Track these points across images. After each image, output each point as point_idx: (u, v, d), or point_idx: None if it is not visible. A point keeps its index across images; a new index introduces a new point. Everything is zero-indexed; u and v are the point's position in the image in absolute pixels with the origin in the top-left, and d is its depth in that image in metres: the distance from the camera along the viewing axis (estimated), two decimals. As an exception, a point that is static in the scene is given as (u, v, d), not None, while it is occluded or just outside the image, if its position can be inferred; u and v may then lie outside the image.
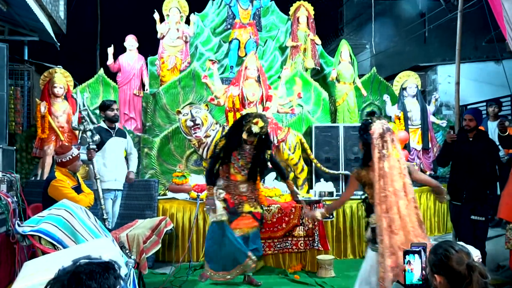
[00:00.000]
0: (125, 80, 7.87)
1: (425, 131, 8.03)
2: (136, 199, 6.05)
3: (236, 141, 4.85)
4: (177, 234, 5.95)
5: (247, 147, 4.90)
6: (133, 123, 7.86)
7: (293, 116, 7.83)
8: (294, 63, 8.69)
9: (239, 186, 4.92)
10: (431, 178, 3.79)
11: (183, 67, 8.25)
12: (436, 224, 7.41)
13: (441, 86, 11.05)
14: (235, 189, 4.92)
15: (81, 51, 16.62)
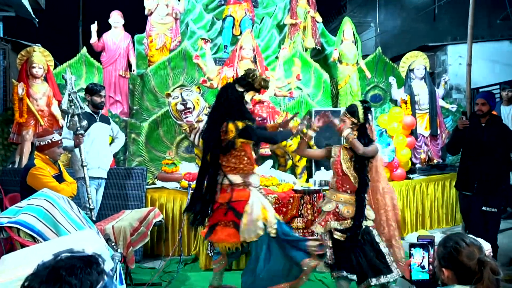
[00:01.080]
0: (110, 60, 7.82)
1: (433, 116, 8.03)
2: (123, 188, 6.05)
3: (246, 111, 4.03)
4: (167, 226, 5.97)
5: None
6: (119, 106, 7.83)
7: (292, 100, 7.81)
8: (293, 43, 8.65)
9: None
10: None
11: (173, 46, 8.20)
12: (444, 216, 7.45)
13: (452, 68, 11.02)
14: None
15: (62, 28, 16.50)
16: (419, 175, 7.44)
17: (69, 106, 5.03)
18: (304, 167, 7.04)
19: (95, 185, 5.42)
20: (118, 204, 5.92)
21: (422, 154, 7.89)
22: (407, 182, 7.11)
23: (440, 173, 7.54)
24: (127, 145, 7.21)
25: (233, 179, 3.85)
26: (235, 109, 3.84)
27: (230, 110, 3.84)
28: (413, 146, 7.69)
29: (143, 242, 4.90)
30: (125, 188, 6.05)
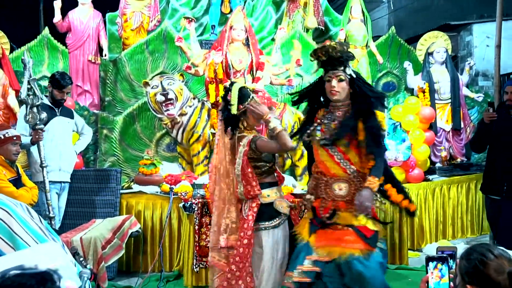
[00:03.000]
0: (77, 42, 7.78)
1: (456, 108, 8.06)
2: (93, 193, 6.04)
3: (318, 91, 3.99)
4: (145, 237, 5.96)
5: (337, 111, 3.88)
6: (88, 97, 7.80)
7: (291, 89, 7.80)
8: (291, 22, 8.64)
9: (332, 185, 3.80)
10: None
11: (152, 26, 8.18)
12: (469, 224, 7.49)
13: (477, 50, 11.04)
14: (325, 189, 3.83)
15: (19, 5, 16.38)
16: (439, 176, 7.47)
17: (28, 95, 5.00)
18: (305, 168, 7.01)
19: (57, 189, 5.41)
20: (87, 212, 5.92)
21: (443, 151, 7.91)
22: (425, 185, 7.13)
23: (463, 173, 7.56)
24: (98, 143, 7.19)
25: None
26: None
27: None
28: (433, 142, 7.71)
29: (117, 256, 4.88)
30: (96, 193, 6.04)
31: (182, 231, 5.78)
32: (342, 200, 3.73)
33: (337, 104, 3.83)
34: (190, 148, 6.70)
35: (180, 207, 5.75)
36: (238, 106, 3.88)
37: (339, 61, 3.75)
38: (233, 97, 3.89)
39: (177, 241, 5.90)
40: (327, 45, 3.76)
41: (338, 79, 3.75)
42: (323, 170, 3.83)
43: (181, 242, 5.81)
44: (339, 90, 3.76)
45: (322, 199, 3.79)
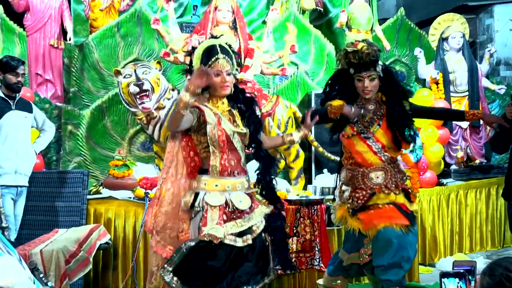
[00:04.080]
0: (36, 24, 7.74)
1: (474, 101, 8.09)
2: (56, 199, 6.02)
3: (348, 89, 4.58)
4: (116, 250, 5.95)
5: (369, 104, 4.60)
6: (50, 88, 7.76)
7: (284, 79, 7.81)
8: (285, 3, 8.64)
9: (369, 174, 4.53)
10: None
11: (124, 6, 8.16)
12: (489, 235, 7.52)
13: (499, 36, 11.09)
14: (363, 180, 4.53)
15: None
16: (455, 180, 7.50)
17: None
18: (301, 170, 7.05)
19: (12, 195, 5.38)
20: (49, 220, 5.88)
21: (459, 151, 7.94)
22: (439, 189, 7.16)
23: (483, 177, 7.60)
24: (61, 140, 7.16)
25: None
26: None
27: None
28: (447, 141, 7.75)
29: (83, 272, 4.88)
30: (59, 198, 6.01)
31: (159, 243, 5.77)
32: (378, 187, 4.44)
33: (370, 99, 4.55)
34: (169, 147, 6.68)
35: (156, 215, 5.74)
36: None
37: (371, 63, 4.39)
38: (196, 55, 3.90)
39: (153, 254, 5.88)
40: (360, 49, 4.35)
41: (370, 78, 4.43)
42: (360, 161, 4.50)
43: (157, 256, 5.79)
44: (371, 89, 4.48)
45: (360, 189, 4.46)
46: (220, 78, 3.80)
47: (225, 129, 3.81)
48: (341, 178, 4.66)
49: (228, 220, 3.82)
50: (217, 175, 3.83)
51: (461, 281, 2.42)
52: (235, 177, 3.89)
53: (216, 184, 3.82)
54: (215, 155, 3.79)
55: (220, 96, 3.91)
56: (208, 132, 3.75)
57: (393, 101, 4.51)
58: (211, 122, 3.77)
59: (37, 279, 3.24)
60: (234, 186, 3.89)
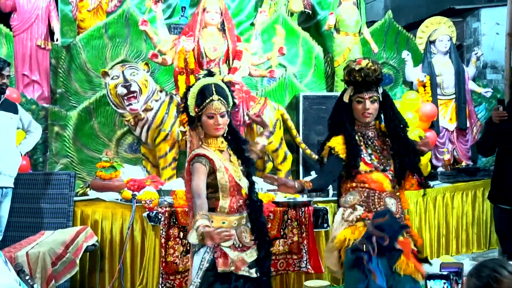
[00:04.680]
0: (23, 24, 7.71)
1: (461, 104, 8.13)
2: (42, 201, 5.99)
3: (345, 117, 4.12)
4: (103, 252, 5.93)
5: (370, 131, 4.17)
6: (37, 89, 7.73)
7: (273, 81, 7.81)
8: (274, 4, 8.65)
9: (385, 199, 4.04)
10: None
11: (112, 7, 8.14)
12: (475, 237, 7.54)
13: (486, 39, 11.14)
14: (379, 203, 4.03)
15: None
16: (441, 182, 7.52)
17: None
18: (289, 172, 7.06)
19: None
20: (35, 222, 5.86)
21: (446, 154, 7.97)
22: (426, 192, 7.17)
23: (469, 179, 7.62)
24: (48, 142, 7.13)
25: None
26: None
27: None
28: (434, 143, 7.77)
29: (70, 273, 4.85)
30: (45, 200, 5.98)
31: (146, 245, 5.76)
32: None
33: (368, 125, 4.11)
34: (156, 148, 6.67)
35: (144, 217, 5.73)
36: (194, 108, 3.78)
37: (374, 83, 4.00)
38: (191, 95, 3.85)
39: (140, 256, 5.87)
40: (364, 66, 3.96)
41: (371, 100, 4.00)
42: (376, 188, 4.00)
43: (144, 258, 5.78)
44: (372, 112, 4.02)
45: (374, 212, 3.95)
46: (213, 121, 3.72)
47: (232, 174, 3.78)
48: (347, 201, 4.07)
49: (239, 252, 3.81)
50: (225, 214, 3.79)
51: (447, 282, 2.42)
52: (240, 214, 3.85)
53: (224, 221, 3.76)
54: (224, 198, 3.75)
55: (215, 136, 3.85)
56: (219, 180, 3.69)
57: (398, 134, 4.10)
58: (220, 170, 3.72)
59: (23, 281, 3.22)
60: (240, 222, 3.85)
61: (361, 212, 3.95)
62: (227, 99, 3.78)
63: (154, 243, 5.65)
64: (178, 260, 5.47)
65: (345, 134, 4.04)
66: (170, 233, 5.54)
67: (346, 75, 4.06)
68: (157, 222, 5.58)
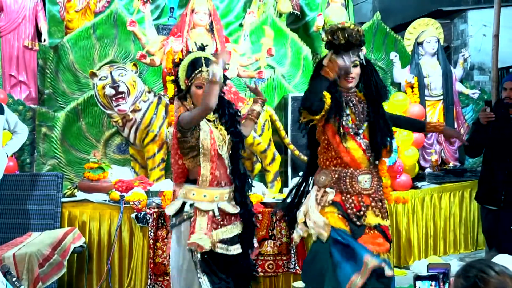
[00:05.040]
0: (10, 25, 7.67)
1: (448, 105, 8.15)
2: (29, 202, 5.96)
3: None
4: (91, 253, 5.91)
5: (352, 97, 4.10)
6: (24, 90, 7.69)
7: (261, 82, 7.81)
8: (262, 5, 8.65)
9: (358, 177, 4.01)
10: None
11: (100, 8, 8.12)
12: (462, 238, 7.57)
13: (473, 41, 11.20)
14: (351, 183, 4.01)
15: None
16: (429, 183, 7.54)
17: None
18: (277, 173, 7.06)
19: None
20: (22, 224, 5.83)
21: (434, 155, 7.99)
22: (414, 193, 7.20)
23: (457, 180, 7.65)
24: (35, 142, 7.09)
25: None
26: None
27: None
28: (422, 144, 7.79)
29: (57, 275, 4.84)
30: (32, 201, 5.95)
31: (134, 246, 5.75)
32: (366, 194, 3.98)
33: (350, 90, 4.06)
34: (144, 149, 6.66)
35: (132, 218, 5.71)
36: (184, 80, 3.85)
37: (357, 46, 3.94)
38: (182, 67, 3.89)
39: (128, 257, 5.85)
40: (348, 26, 3.91)
41: (353, 64, 3.96)
42: (348, 161, 3.96)
43: (133, 259, 5.77)
44: (354, 76, 4.01)
45: (346, 193, 3.95)
46: (202, 91, 3.76)
47: (215, 139, 3.79)
48: (320, 180, 4.05)
49: (218, 227, 3.81)
50: (207, 185, 3.80)
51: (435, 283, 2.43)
52: (222, 188, 3.88)
53: (205, 194, 3.80)
54: (205, 163, 3.76)
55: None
56: (201, 139, 3.72)
57: (375, 102, 4.08)
58: (204, 129, 3.75)
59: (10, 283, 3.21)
60: (221, 197, 3.87)
61: (333, 196, 3.94)
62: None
63: (142, 244, 5.63)
64: (166, 261, 5.46)
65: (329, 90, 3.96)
66: (158, 234, 5.53)
67: (328, 36, 3.96)
68: (145, 223, 5.57)
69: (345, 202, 3.92)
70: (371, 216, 3.94)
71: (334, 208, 3.91)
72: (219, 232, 3.78)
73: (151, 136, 6.55)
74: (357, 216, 3.89)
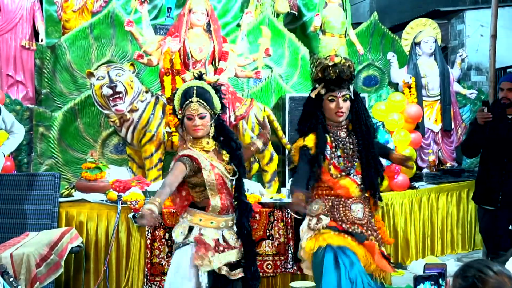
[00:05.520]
0: (7, 25, 7.68)
1: (446, 106, 8.16)
2: (26, 202, 5.94)
3: (316, 118, 4.06)
4: (88, 253, 5.90)
5: (341, 132, 4.12)
6: (22, 89, 7.70)
7: (259, 82, 7.82)
8: (260, 6, 8.65)
9: (351, 206, 4.01)
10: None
11: (97, 7, 8.11)
12: (459, 238, 7.57)
13: (470, 41, 11.20)
14: (345, 212, 4.00)
15: None
16: (426, 183, 7.55)
17: None
18: (275, 173, 7.06)
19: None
20: (19, 223, 5.81)
21: (431, 155, 8.00)
22: (411, 193, 7.21)
23: (454, 180, 7.66)
24: (33, 142, 7.09)
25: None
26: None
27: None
28: (419, 144, 7.80)
29: (54, 275, 4.83)
30: (30, 201, 5.93)
31: (132, 246, 5.74)
32: (359, 224, 3.96)
33: (340, 124, 4.07)
34: (142, 149, 6.66)
35: (129, 218, 5.71)
36: (179, 110, 3.85)
37: (348, 81, 3.98)
38: (176, 97, 3.89)
39: (126, 257, 5.84)
40: (339, 62, 3.93)
41: (343, 98, 3.98)
42: (342, 194, 3.98)
43: (130, 259, 5.76)
44: (345, 111, 4.00)
45: (340, 221, 3.94)
46: (191, 122, 3.77)
47: (219, 172, 3.80)
48: (312, 210, 4.02)
49: (223, 251, 3.80)
50: (216, 214, 3.82)
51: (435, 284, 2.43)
52: (228, 215, 3.89)
53: (212, 221, 3.80)
54: (214, 196, 3.77)
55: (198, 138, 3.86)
56: (206, 178, 3.72)
57: (366, 138, 4.05)
58: (206, 168, 3.74)
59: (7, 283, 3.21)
60: (227, 224, 3.88)
61: (327, 222, 3.93)
62: (209, 101, 3.80)
63: (140, 244, 5.63)
64: (164, 261, 5.47)
65: (317, 131, 3.99)
66: (155, 235, 5.53)
67: (319, 72, 4.02)
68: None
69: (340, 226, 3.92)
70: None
71: (329, 230, 3.91)
72: (221, 256, 3.78)
73: (149, 136, 6.55)
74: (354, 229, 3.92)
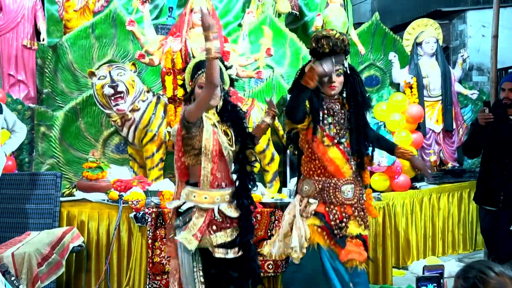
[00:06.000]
0: (9, 24, 7.68)
1: (447, 106, 8.16)
2: (28, 201, 5.96)
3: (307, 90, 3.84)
4: (90, 253, 5.90)
5: (334, 104, 4.08)
6: (23, 89, 7.71)
7: (260, 82, 7.82)
8: (261, 5, 8.66)
9: (341, 187, 4.00)
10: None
11: (99, 7, 8.12)
12: (461, 238, 7.57)
13: (472, 41, 11.20)
14: (335, 193, 4.00)
15: None
16: (428, 184, 7.55)
17: None
18: (276, 173, 7.06)
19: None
20: (21, 223, 5.83)
21: (432, 155, 8.00)
22: (412, 193, 7.21)
23: (455, 181, 7.66)
24: (34, 142, 7.10)
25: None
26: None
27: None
28: (421, 145, 7.80)
29: (55, 274, 4.83)
30: (31, 201, 5.95)
31: (133, 246, 5.74)
32: (349, 204, 3.99)
33: (332, 97, 4.05)
34: (143, 149, 6.66)
35: (130, 217, 5.71)
36: (189, 82, 3.91)
37: (341, 54, 3.95)
38: (187, 70, 3.96)
39: (127, 257, 5.84)
40: (333, 35, 3.92)
41: (337, 73, 3.97)
42: (332, 171, 3.97)
43: (131, 259, 5.76)
44: (337, 85, 4.01)
45: (329, 203, 3.97)
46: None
47: (218, 139, 3.81)
48: (303, 190, 4.05)
49: (218, 230, 3.81)
50: (208, 186, 3.80)
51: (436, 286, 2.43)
52: (223, 189, 3.88)
53: (206, 196, 3.80)
54: (206, 164, 3.77)
55: (209, 108, 3.87)
56: (204, 140, 3.74)
57: (357, 111, 4.06)
58: (208, 129, 3.76)
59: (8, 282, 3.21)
60: (223, 198, 3.87)
61: (315, 206, 3.96)
62: (220, 76, 3.80)
63: (141, 244, 5.63)
64: (165, 261, 5.46)
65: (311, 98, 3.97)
66: (157, 234, 5.53)
67: (313, 42, 4.01)
68: (144, 223, 5.57)
69: (329, 213, 3.95)
70: (353, 226, 3.98)
71: (316, 220, 3.94)
72: (218, 236, 3.78)
73: (150, 136, 6.56)
74: (339, 227, 3.92)
